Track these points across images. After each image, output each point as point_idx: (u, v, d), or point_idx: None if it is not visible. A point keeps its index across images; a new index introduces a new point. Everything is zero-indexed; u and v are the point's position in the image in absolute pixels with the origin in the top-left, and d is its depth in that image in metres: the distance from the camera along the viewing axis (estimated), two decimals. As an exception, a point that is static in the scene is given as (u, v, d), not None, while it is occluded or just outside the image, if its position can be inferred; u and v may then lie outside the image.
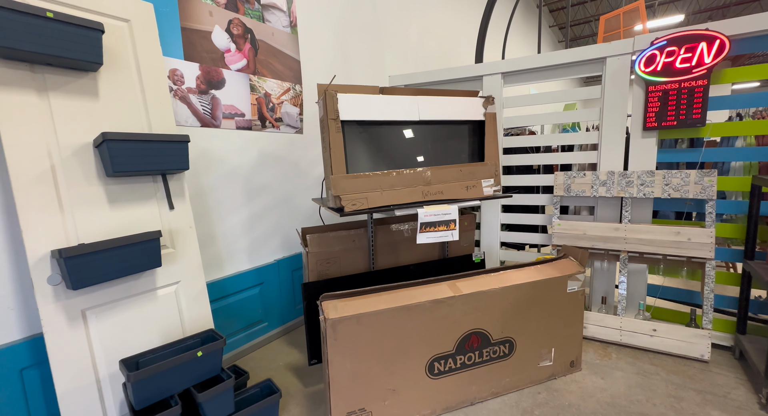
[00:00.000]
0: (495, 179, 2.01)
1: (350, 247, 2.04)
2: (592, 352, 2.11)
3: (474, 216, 2.39)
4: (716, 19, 10.45)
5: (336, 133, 1.67)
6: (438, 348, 1.61)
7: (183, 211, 1.77)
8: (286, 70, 2.46)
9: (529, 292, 1.74)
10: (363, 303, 1.51)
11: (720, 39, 1.93)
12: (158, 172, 1.64)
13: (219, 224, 2.14)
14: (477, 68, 2.62)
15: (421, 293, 1.60)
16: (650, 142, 2.18)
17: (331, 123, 1.67)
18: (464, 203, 1.90)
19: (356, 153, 1.78)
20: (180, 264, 1.74)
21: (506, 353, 1.74)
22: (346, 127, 1.74)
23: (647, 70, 2.12)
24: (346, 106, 1.71)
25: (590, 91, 2.36)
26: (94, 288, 1.45)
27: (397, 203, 1.77)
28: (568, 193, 2.33)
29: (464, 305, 1.62)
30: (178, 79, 1.90)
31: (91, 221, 1.47)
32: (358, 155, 1.78)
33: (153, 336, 1.62)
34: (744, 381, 1.81)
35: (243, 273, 2.26)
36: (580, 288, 1.86)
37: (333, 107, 1.67)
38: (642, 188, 2.13)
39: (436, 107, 1.90)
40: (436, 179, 1.86)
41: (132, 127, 1.63)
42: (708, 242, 1.97)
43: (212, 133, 2.07)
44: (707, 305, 1.99)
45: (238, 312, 2.23)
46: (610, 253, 2.27)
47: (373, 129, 1.82)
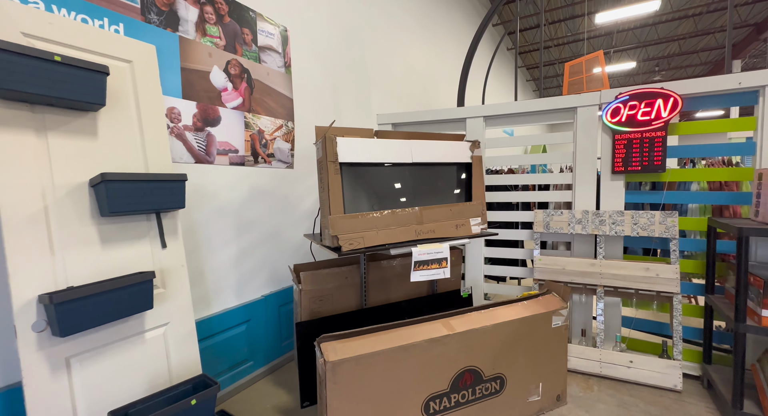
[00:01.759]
0: (482, 218, 2.12)
1: (342, 284, 2.06)
2: (575, 385, 2.19)
3: (460, 251, 2.48)
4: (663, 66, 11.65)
5: (335, 175, 1.73)
6: (433, 386, 1.63)
7: (175, 249, 1.74)
8: (279, 107, 2.53)
9: (517, 328, 1.81)
10: (361, 344, 1.53)
11: (674, 97, 2.19)
12: (154, 210, 1.63)
13: (208, 260, 2.11)
14: (461, 111, 2.81)
15: (417, 333, 1.63)
16: (618, 184, 2.39)
17: (330, 165, 1.73)
18: (455, 241, 1.98)
19: (352, 193, 1.84)
20: (170, 305, 1.69)
21: (497, 389, 1.78)
22: (343, 168, 1.81)
23: (613, 121, 2.35)
24: (344, 149, 1.78)
25: (564, 136, 2.58)
26: (80, 334, 1.38)
27: (391, 242, 1.83)
28: (547, 229, 2.48)
29: (458, 343, 1.67)
30: (176, 117, 1.92)
31: (81, 263, 1.42)
32: (353, 195, 1.84)
33: (139, 383, 1.54)
34: (713, 410, 1.93)
35: (230, 311, 2.20)
36: (564, 323, 1.95)
37: (332, 150, 1.74)
38: (614, 226, 2.31)
39: (427, 150, 2.02)
40: (428, 218, 1.94)
41: (129, 166, 1.62)
42: (674, 278, 2.14)
43: (206, 169, 2.08)
44: (677, 337, 2.14)
45: (224, 352, 2.16)
46: (587, 287, 2.40)
47: (368, 170, 1.89)
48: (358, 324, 1.99)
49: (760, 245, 2.06)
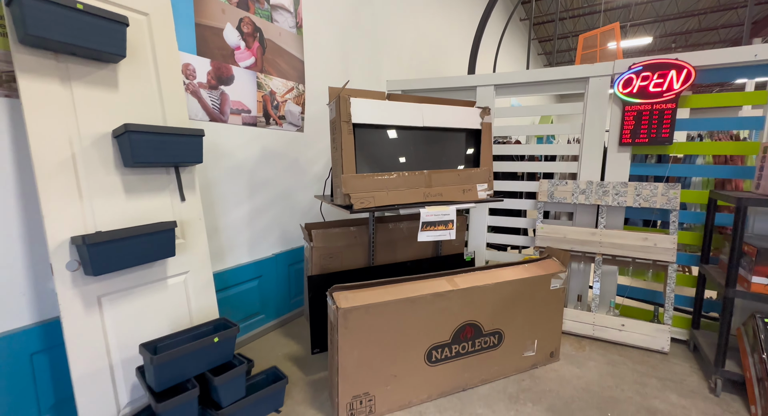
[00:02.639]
0: (488, 184, 2.17)
1: (352, 243, 2.14)
2: (569, 345, 2.32)
3: (465, 218, 2.56)
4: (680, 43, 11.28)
5: (348, 135, 1.77)
6: (436, 337, 1.75)
7: (194, 203, 1.82)
8: (290, 69, 2.53)
9: (517, 288, 1.91)
10: (371, 295, 1.63)
11: (687, 68, 2.18)
12: (173, 164, 1.69)
13: (222, 217, 2.19)
14: (472, 79, 2.79)
15: (423, 287, 1.73)
16: (624, 156, 2.42)
17: (344, 125, 1.77)
18: (461, 205, 2.05)
19: (363, 155, 1.89)
20: (189, 255, 1.79)
21: (495, 343, 1.90)
22: (356, 129, 1.84)
23: (625, 92, 2.35)
24: (357, 110, 1.81)
25: (574, 107, 2.58)
26: (109, 276, 1.48)
27: (400, 202, 1.89)
28: (551, 199, 2.54)
29: (461, 298, 1.77)
30: (191, 74, 1.94)
31: (108, 210, 1.50)
32: (365, 157, 1.89)
33: (163, 323, 1.66)
34: (697, 370, 2.06)
35: (243, 266, 2.31)
36: (561, 286, 2.05)
37: (346, 110, 1.77)
38: (616, 197, 2.36)
39: (439, 115, 2.04)
40: (436, 181, 1.99)
41: (148, 119, 1.66)
42: (671, 248, 2.22)
43: (220, 127, 2.11)
44: (668, 303, 2.24)
45: (237, 304, 2.28)
46: (586, 255, 2.49)
47: (379, 133, 1.93)
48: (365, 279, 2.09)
49: (757, 219, 2.12)
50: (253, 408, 1.59)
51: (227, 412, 1.49)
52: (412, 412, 1.70)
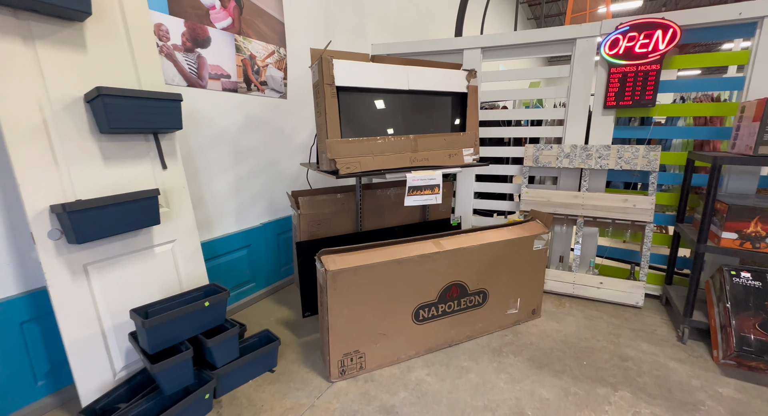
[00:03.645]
0: (474, 149, 2.18)
1: (339, 209, 2.15)
2: (550, 303, 2.43)
3: (451, 184, 2.58)
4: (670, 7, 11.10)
5: (331, 98, 1.74)
6: (423, 297, 1.81)
7: (176, 171, 1.78)
8: (270, 32, 2.42)
9: (501, 249, 1.97)
10: (358, 257, 1.66)
11: (673, 28, 2.16)
12: (151, 130, 1.64)
13: (207, 186, 2.16)
14: (458, 42, 2.73)
15: (410, 249, 1.77)
16: (609, 119, 2.44)
17: (327, 88, 1.73)
18: (447, 169, 2.06)
19: (348, 119, 1.86)
20: (175, 223, 1.78)
21: (480, 302, 1.98)
22: (340, 93, 1.80)
23: (611, 53, 2.34)
24: (341, 72, 1.77)
25: (560, 70, 2.56)
26: (94, 244, 1.47)
27: (387, 167, 1.89)
28: (536, 164, 2.57)
29: (447, 259, 1.82)
30: (164, 35, 1.84)
31: (86, 178, 1.47)
32: (349, 121, 1.86)
33: (153, 290, 1.67)
34: (667, 321, 2.20)
35: (231, 235, 2.31)
36: (544, 247, 2.12)
37: (329, 72, 1.72)
38: (599, 160, 2.41)
39: (424, 77, 2.00)
40: (422, 146, 1.99)
41: (122, 83, 1.59)
42: (649, 208, 2.30)
43: (199, 93, 2.04)
44: (644, 261, 2.35)
45: (227, 272, 2.30)
46: (569, 218, 2.56)
47: (363, 97, 1.89)
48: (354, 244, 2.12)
49: (732, 178, 2.19)
50: (247, 367, 1.65)
51: (222, 372, 1.54)
52: (401, 367, 1.78)
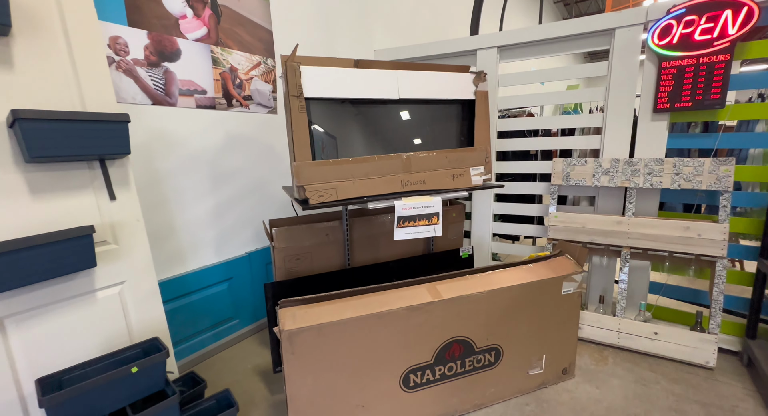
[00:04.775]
0: (485, 167, 1.78)
1: (323, 241, 1.84)
2: (587, 356, 1.94)
3: (463, 207, 2.18)
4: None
5: (299, 112, 1.44)
6: (414, 358, 1.43)
7: (128, 202, 1.55)
8: (255, 41, 2.19)
9: (519, 295, 1.55)
10: (327, 310, 1.32)
11: (748, 5, 1.67)
12: (96, 157, 1.42)
13: (180, 214, 1.93)
14: (470, 41, 2.35)
15: (396, 298, 1.41)
16: (660, 126, 1.94)
17: (293, 101, 1.43)
18: (449, 194, 1.68)
19: (324, 137, 1.55)
20: (125, 262, 1.54)
21: (492, 361, 1.57)
22: (313, 106, 1.50)
23: (661, 43, 1.86)
24: (312, 81, 1.47)
25: (596, 68, 2.11)
26: (11, 294, 1.25)
27: (371, 194, 1.55)
28: (566, 182, 2.11)
29: (445, 311, 1.43)
30: (121, 49, 1.64)
31: (7, 215, 1.25)
32: (326, 140, 1.55)
33: (92, 343, 1.43)
34: (752, 393, 1.65)
35: (209, 268, 2.06)
36: (577, 290, 1.67)
37: (295, 81, 1.42)
38: (649, 177, 1.91)
39: (420, 84, 1.66)
40: (418, 166, 1.63)
41: (59, 104, 1.38)
42: (720, 239, 1.77)
43: (167, 112, 1.83)
44: (715, 307, 1.81)
45: (204, 310, 2.05)
46: (610, 248, 2.07)
47: (342, 109, 1.58)
48: (338, 284, 1.79)
49: (841, 200, 1.63)
50: (193, 443, 1.35)
51: (156, 452, 1.25)
52: (386, 447, 1.41)
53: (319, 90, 1.48)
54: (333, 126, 1.56)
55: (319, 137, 1.52)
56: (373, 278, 1.88)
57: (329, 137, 1.56)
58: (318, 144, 1.52)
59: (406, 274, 1.93)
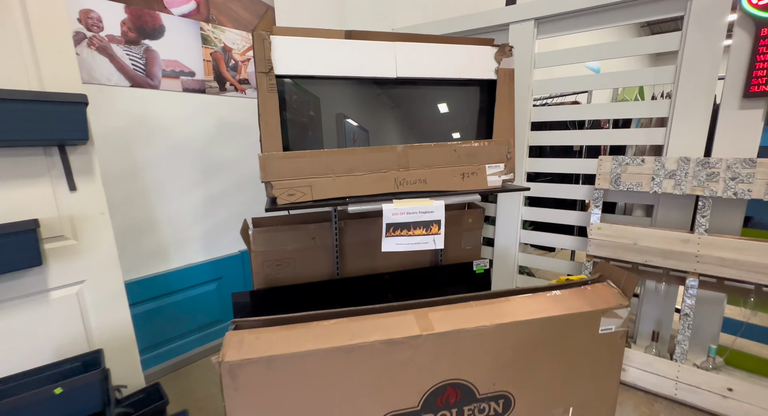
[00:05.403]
0: (507, 164, 1.43)
1: (308, 246, 1.59)
2: (633, 408, 1.54)
3: (482, 211, 1.83)
4: None
5: (268, 93, 1.18)
6: (395, 403, 1.14)
7: (91, 193, 1.40)
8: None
9: (539, 331, 1.20)
10: (285, 338, 1.07)
11: None
12: (47, 142, 1.28)
13: (162, 207, 1.78)
14: (501, 14, 1.97)
15: (373, 328, 1.12)
16: (753, 116, 1.46)
17: (261, 78, 1.18)
18: (457, 197, 1.36)
19: (300, 124, 1.29)
20: (85, 260, 1.39)
21: (499, 412, 1.23)
22: (287, 85, 1.24)
23: (761, 4, 1.38)
24: (287, 55, 1.20)
25: (663, 42, 1.64)
26: (-56, 292, 1.13)
27: (356, 194, 1.27)
28: (615, 185, 1.68)
29: (436, 347, 1.12)
30: (94, 24, 1.49)
31: (-57, 206, 1.13)
32: (302, 128, 1.29)
33: (44, 349, 1.30)
34: None
35: (195, 266, 1.90)
36: (621, 328, 1.28)
37: (263, 55, 1.17)
38: (733, 184, 1.45)
39: (425, 59, 1.33)
40: (417, 161, 1.32)
41: (11, 83, 1.24)
42: (837, 273, 1.28)
43: (148, 95, 1.66)
44: (823, 364, 1.33)
45: (188, 311, 1.90)
46: (671, 273, 1.62)
47: (326, 89, 1.30)
48: (323, 298, 1.54)
49: None
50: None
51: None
52: None
53: (294, 66, 1.21)
54: (312, 110, 1.29)
55: (296, 123, 1.26)
56: (366, 293, 1.60)
57: (308, 124, 1.29)
58: (293, 132, 1.26)
59: (404, 289, 1.63)
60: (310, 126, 1.29)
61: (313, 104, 1.29)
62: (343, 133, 1.33)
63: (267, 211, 1.17)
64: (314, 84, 1.28)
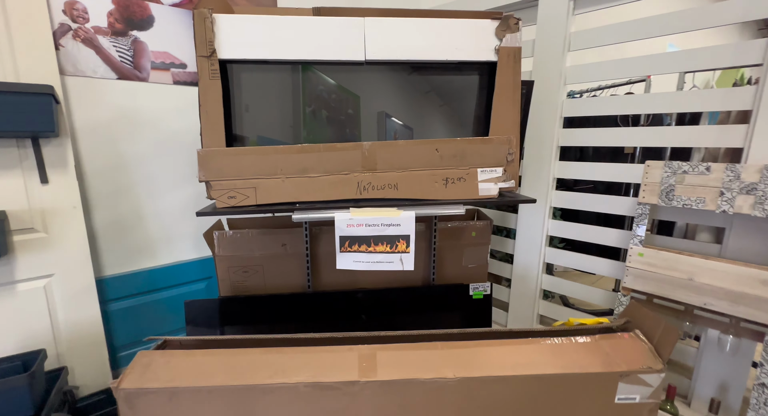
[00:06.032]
0: (507, 169, 1.13)
1: (279, 253, 1.43)
2: None
3: (489, 223, 1.53)
4: None
5: (210, 80, 1.03)
6: (328, 458, 0.93)
7: (64, 186, 1.38)
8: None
9: (523, 393, 0.90)
10: (197, 366, 0.91)
11: None
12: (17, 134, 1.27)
13: (150, 202, 1.74)
14: (530, -15, 1.63)
15: (303, 364, 0.92)
16: None
17: (202, 63, 1.03)
18: (434, 208, 1.10)
19: (248, 117, 1.12)
20: (55, 253, 1.37)
21: (466, 487, 0.96)
22: (235, 71, 1.08)
23: None
24: (235, 35, 1.04)
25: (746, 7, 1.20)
26: None
27: (307, 199, 1.08)
28: (667, 201, 1.28)
29: (378, 398, 0.89)
30: (79, 15, 1.46)
31: None
32: (252, 121, 1.12)
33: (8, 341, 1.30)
34: None
35: (184, 264, 1.86)
36: (649, 399, 0.93)
37: (204, 35, 1.02)
38: None
39: (399, 36, 1.09)
40: (387, 162, 1.09)
41: (-17, 74, 1.25)
42: None
43: (136, 87, 1.62)
44: None
45: (175, 310, 1.85)
46: (743, 324, 1.19)
47: (281, 75, 1.12)
48: (287, 313, 1.37)
49: None
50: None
51: None
52: None
53: (244, 49, 1.05)
54: (264, 101, 1.12)
55: (241, 115, 1.10)
56: (339, 311, 1.40)
57: (260, 118, 1.12)
58: (240, 126, 1.10)
59: (383, 312, 1.40)
60: (262, 120, 1.12)
61: (265, 93, 1.11)
62: (300, 128, 1.14)
63: (198, 215, 1.02)
64: (267, 70, 1.10)
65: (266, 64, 1.09)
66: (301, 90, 1.13)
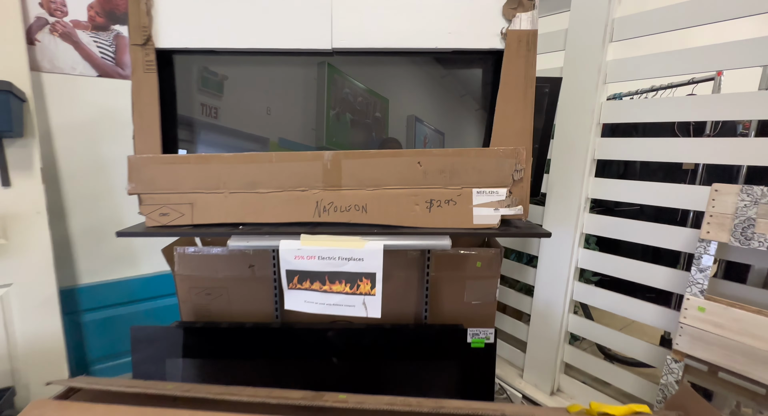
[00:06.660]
0: (514, 190, 0.86)
1: (246, 276, 1.24)
2: None
3: (500, 252, 1.24)
4: None
5: (144, 74, 0.86)
6: None
7: (28, 190, 1.29)
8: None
9: None
10: (93, 426, 0.73)
11: None
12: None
13: (129, 208, 1.62)
14: (565, -38, 1.33)
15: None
16: None
17: (136, 52, 0.86)
18: (411, 239, 0.85)
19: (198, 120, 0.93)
20: (15, 261, 1.28)
21: None
22: (180, 63, 0.91)
23: None
24: (177, 20, 0.86)
25: None
26: None
27: (253, 220, 0.87)
28: (742, 239, 0.94)
29: None
30: (57, 8, 1.38)
31: None
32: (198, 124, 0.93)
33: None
34: None
35: (167, 275, 1.73)
36: None
37: (138, 18, 0.85)
38: None
39: (376, 18, 0.86)
40: (355, 177, 0.86)
41: (-53, 69, 1.17)
42: None
43: (118, 86, 1.52)
44: None
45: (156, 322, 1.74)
46: None
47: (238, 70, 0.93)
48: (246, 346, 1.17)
49: None
50: None
51: None
52: None
53: (189, 37, 0.87)
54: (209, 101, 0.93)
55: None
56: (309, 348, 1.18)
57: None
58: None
59: (358, 355, 1.16)
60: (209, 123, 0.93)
61: (213, 91, 0.93)
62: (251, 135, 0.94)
63: (118, 236, 0.85)
64: (219, 63, 0.92)
65: (217, 55, 0.90)
66: (260, 86, 0.93)
